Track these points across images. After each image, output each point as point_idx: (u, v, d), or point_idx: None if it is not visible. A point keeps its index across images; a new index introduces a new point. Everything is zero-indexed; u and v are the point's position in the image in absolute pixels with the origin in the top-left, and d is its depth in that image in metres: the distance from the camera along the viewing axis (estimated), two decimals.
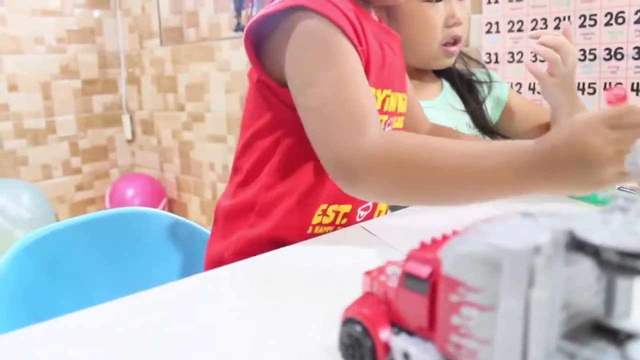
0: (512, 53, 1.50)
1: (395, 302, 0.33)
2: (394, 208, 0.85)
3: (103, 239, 0.86)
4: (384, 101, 0.73)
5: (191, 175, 2.86)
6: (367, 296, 0.36)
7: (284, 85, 0.68)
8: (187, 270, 0.92)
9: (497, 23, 1.52)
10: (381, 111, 0.73)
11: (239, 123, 2.41)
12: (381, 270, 0.36)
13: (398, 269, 0.34)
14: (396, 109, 0.78)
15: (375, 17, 0.79)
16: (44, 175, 2.89)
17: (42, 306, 0.75)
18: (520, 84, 1.49)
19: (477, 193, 0.55)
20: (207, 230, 0.92)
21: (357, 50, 0.65)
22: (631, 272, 0.25)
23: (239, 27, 2.49)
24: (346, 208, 0.74)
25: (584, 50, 1.36)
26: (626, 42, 1.30)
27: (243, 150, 0.76)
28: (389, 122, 0.76)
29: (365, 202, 0.76)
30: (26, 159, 2.83)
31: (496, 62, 1.54)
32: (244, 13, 2.45)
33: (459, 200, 0.58)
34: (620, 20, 1.29)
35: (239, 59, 2.45)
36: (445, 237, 0.34)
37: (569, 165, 0.49)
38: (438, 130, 0.94)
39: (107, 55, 3.11)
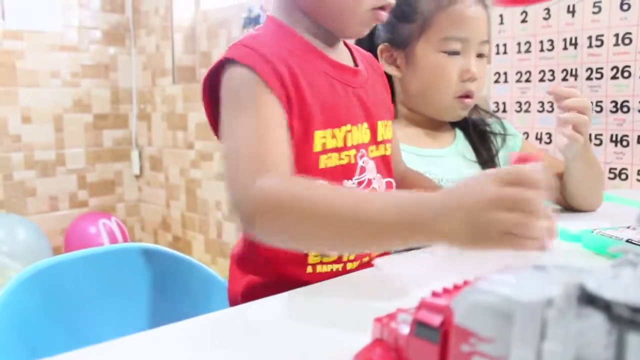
0: (519, 102, 1.53)
1: (406, 350, 0.34)
2: None
3: (103, 274, 0.85)
4: (345, 137, 0.74)
5: (197, 213, 2.87)
6: (377, 343, 0.36)
7: None
8: (189, 309, 0.91)
9: (505, 73, 1.55)
10: (344, 147, 0.73)
11: None
12: (392, 317, 0.36)
13: (409, 317, 0.34)
14: (370, 140, 0.78)
15: (341, 55, 0.80)
16: (51, 207, 2.91)
17: (39, 340, 0.74)
18: (527, 134, 1.51)
19: (361, 237, 0.55)
20: (210, 269, 0.92)
21: (281, 99, 0.67)
22: None
23: None
24: (302, 249, 0.73)
25: (591, 102, 1.38)
26: (632, 96, 1.32)
27: None
28: (360, 154, 0.76)
29: None
30: (34, 190, 2.85)
31: (504, 111, 1.56)
32: None
33: (345, 244, 0.59)
34: (626, 74, 1.32)
35: None
36: (456, 287, 0.34)
37: (456, 212, 0.48)
38: (409, 175, 0.93)
39: (120, 91, 3.16)
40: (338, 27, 0.76)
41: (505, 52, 1.53)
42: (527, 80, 1.50)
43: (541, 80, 1.47)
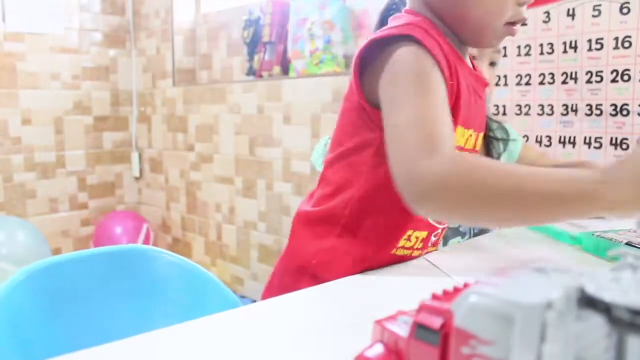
0: (519, 106, 1.53)
1: (406, 353, 0.34)
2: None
3: (101, 276, 0.85)
4: (467, 140, 0.77)
5: (197, 215, 2.87)
6: (377, 345, 0.36)
7: (377, 108, 0.71)
8: (187, 311, 0.91)
9: (505, 76, 1.55)
10: (462, 148, 0.76)
11: (247, 165, 2.44)
12: (392, 319, 0.36)
13: (409, 319, 0.34)
14: (474, 147, 0.81)
15: (468, 63, 0.82)
16: (51, 209, 2.91)
17: (35, 342, 0.73)
18: (527, 137, 1.51)
19: (540, 214, 0.58)
20: (210, 272, 0.92)
21: (447, 85, 0.69)
22: None
23: (250, 71, 2.55)
24: (423, 234, 0.77)
25: (590, 106, 1.39)
26: (632, 99, 1.32)
27: (333, 162, 0.79)
28: None
29: (436, 229, 0.79)
30: (34, 192, 2.85)
31: (504, 114, 1.56)
32: (256, 58, 2.51)
33: (521, 218, 0.61)
34: (626, 77, 1.32)
35: (249, 102, 2.49)
36: (457, 289, 0.34)
37: (631, 185, 0.54)
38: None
39: (120, 93, 3.17)
40: (474, 39, 0.78)
41: (505, 55, 1.53)
42: (527, 84, 1.50)
43: (541, 83, 1.47)
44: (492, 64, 1.05)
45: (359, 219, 0.75)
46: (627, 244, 0.72)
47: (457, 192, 0.58)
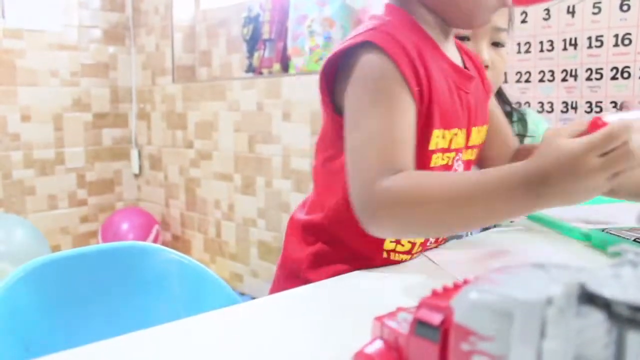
0: (519, 103, 1.53)
1: (406, 349, 0.34)
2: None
3: (101, 273, 0.85)
4: (451, 140, 0.75)
5: (196, 212, 2.87)
6: (377, 342, 0.36)
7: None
8: (186, 308, 0.91)
9: (505, 73, 1.55)
10: (448, 149, 0.75)
11: (246, 162, 2.44)
12: (392, 315, 0.36)
13: (409, 315, 0.34)
14: (466, 144, 0.79)
15: (452, 52, 0.79)
16: (50, 206, 2.91)
17: (34, 339, 0.73)
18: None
19: (478, 218, 0.60)
20: (209, 269, 0.91)
21: (413, 93, 0.67)
22: None
23: (250, 68, 2.54)
24: (420, 238, 0.76)
25: (590, 103, 1.39)
26: (632, 96, 1.32)
27: (317, 169, 0.80)
28: (457, 157, 0.78)
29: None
30: (33, 188, 2.85)
31: None
32: (256, 55, 2.50)
33: (465, 226, 0.64)
34: (625, 74, 1.32)
35: (249, 99, 2.49)
36: (457, 286, 0.34)
37: (560, 183, 0.54)
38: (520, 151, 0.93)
39: (119, 90, 3.16)
40: (466, 20, 0.74)
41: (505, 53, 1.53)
42: (527, 81, 1.50)
43: (541, 80, 1.47)
44: (496, 44, 1.01)
45: (341, 224, 0.74)
46: (635, 240, 0.72)
47: (399, 211, 0.60)
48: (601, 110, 1.36)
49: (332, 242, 0.76)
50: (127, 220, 2.92)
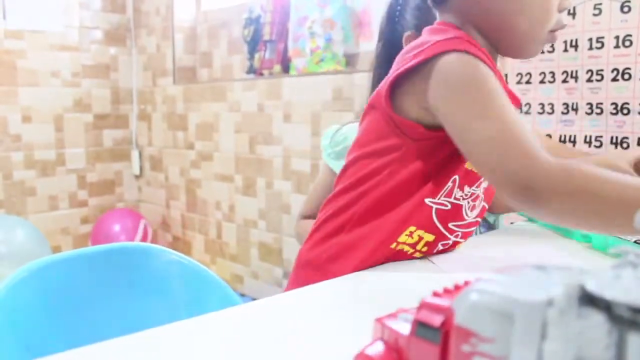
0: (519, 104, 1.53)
1: (407, 351, 0.34)
2: None
3: (101, 274, 0.85)
4: None
5: (197, 214, 2.87)
6: (377, 343, 0.36)
7: (407, 118, 0.73)
8: (187, 309, 0.91)
9: (505, 75, 1.55)
10: None
11: (247, 163, 2.43)
12: (393, 316, 0.36)
13: (410, 317, 0.34)
14: None
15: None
16: (50, 207, 2.91)
17: (35, 339, 0.73)
18: None
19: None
20: (210, 270, 0.91)
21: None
22: None
23: (251, 69, 2.55)
24: (429, 237, 0.77)
25: (590, 104, 1.39)
26: (632, 98, 1.32)
27: (355, 161, 0.81)
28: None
29: (447, 238, 0.79)
30: (34, 189, 2.85)
31: None
32: (256, 56, 2.51)
33: (623, 231, 0.64)
34: (626, 76, 1.32)
35: (249, 100, 2.49)
36: (457, 287, 0.34)
37: None
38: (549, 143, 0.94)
39: (120, 91, 3.17)
40: (517, 50, 0.78)
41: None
42: (528, 82, 1.50)
43: (541, 82, 1.47)
44: None
45: (368, 215, 0.76)
46: (635, 242, 0.72)
47: (573, 196, 0.60)
48: (602, 112, 1.36)
49: (355, 230, 0.77)
50: (116, 221, 2.91)
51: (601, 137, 1.38)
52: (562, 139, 1.45)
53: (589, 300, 0.27)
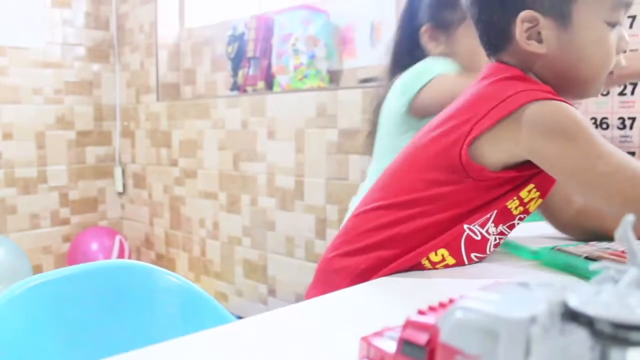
0: None
1: None
2: None
3: (87, 293, 0.84)
4: (531, 199, 0.81)
5: (181, 231, 2.85)
6: None
7: (476, 163, 0.74)
8: (177, 327, 0.90)
9: None
10: (524, 203, 0.79)
11: (231, 180, 2.42)
12: (378, 335, 0.36)
13: (395, 335, 0.34)
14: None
15: None
16: (32, 225, 2.87)
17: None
18: None
19: None
20: (197, 286, 0.91)
21: None
22: (624, 343, 0.26)
23: (235, 87, 2.55)
24: (451, 260, 0.78)
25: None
26: (611, 113, 1.34)
27: (404, 177, 0.82)
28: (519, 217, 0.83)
29: (464, 264, 0.80)
30: (15, 207, 2.81)
31: None
32: (240, 73, 2.51)
33: None
34: (605, 92, 1.34)
35: (233, 117, 2.49)
36: (442, 305, 0.35)
37: None
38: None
39: (103, 108, 3.15)
40: (579, 94, 0.81)
41: None
42: None
43: None
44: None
45: (413, 238, 0.78)
46: (586, 258, 0.72)
47: None
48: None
49: (394, 247, 0.79)
50: (93, 240, 2.89)
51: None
52: None
53: (571, 316, 0.27)
